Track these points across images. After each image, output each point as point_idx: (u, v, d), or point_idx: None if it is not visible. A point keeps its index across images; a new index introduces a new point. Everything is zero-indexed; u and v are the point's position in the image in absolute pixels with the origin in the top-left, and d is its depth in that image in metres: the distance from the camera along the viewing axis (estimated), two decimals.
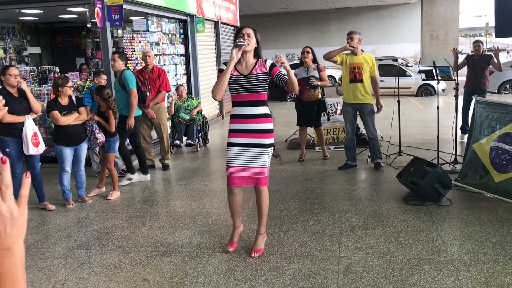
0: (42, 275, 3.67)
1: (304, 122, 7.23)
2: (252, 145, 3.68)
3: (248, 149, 3.69)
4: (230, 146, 3.75)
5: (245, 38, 3.63)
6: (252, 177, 3.74)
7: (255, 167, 3.72)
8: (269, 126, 3.73)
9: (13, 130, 4.92)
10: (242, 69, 3.71)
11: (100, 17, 6.83)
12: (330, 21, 27.48)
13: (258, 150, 3.69)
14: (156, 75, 6.86)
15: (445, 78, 6.92)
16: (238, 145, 3.70)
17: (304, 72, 6.95)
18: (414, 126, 9.93)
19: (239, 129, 3.71)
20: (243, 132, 3.70)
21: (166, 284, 3.44)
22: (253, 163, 3.71)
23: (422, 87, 16.35)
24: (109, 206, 5.43)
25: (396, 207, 4.93)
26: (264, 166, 3.73)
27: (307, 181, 6.11)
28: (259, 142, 3.68)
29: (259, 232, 3.94)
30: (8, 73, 4.90)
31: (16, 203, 0.88)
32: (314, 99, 7.04)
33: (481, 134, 5.47)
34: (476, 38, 10.79)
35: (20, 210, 0.88)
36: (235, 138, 3.72)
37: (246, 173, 3.73)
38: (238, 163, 3.71)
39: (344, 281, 3.37)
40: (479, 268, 3.47)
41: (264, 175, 3.76)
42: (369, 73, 6.33)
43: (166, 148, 7.15)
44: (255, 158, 3.70)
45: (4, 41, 9.49)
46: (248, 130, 3.69)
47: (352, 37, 6.27)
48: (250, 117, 3.68)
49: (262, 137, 3.69)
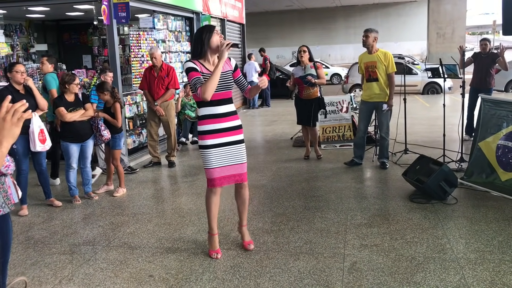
0: (48, 271, 3.70)
1: (303, 121, 7.23)
2: (231, 143, 3.66)
3: (228, 147, 3.65)
4: (208, 148, 3.62)
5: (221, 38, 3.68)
6: (234, 174, 3.71)
7: (236, 164, 3.70)
8: (240, 122, 3.77)
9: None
10: (211, 67, 3.61)
11: (107, 14, 6.85)
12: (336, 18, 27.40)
13: (237, 147, 3.69)
14: (165, 73, 6.88)
15: (452, 76, 6.88)
16: (218, 145, 3.63)
17: (302, 71, 6.96)
18: (420, 124, 9.89)
19: (216, 130, 3.62)
20: (221, 132, 3.63)
21: (171, 280, 3.46)
22: (234, 160, 3.69)
23: (429, 85, 16.29)
24: (115, 202, 5.46)
25: (401, 205, 4.92)
26: (244, 161, 3.75)
27: (312, 179, 6.12)
28: (238, 138, 3.70)
29: (244, 224, 3.99)
30: (14, 70, 4.93)
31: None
32: (313, 97, 7.04)
33: (488, 132, 5.44)
34: (484, 36, 10.73)
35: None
36: (213, 140, 3.62)
37: (228, 172, 3.69)
38: (219, 163, 3.65)
39: (349, 278, 3.37)
40: (484, 266, 3.46)
41: (244, 170, 3.77)
42: (384, 71, 6.26)
43: (173, 145, 7.17)
44: (236, 155, 3.69)
45: (12, 38, 9.55)
46: (226, 129, 3.64)
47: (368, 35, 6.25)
48: (226, 115, 3.64)
49: (239, 133, 3.72)
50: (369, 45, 6.30)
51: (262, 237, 4.18)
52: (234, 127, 3.68)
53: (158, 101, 6.87)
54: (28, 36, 10.32)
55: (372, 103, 6.38)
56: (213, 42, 3.58)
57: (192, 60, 3.61)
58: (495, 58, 7.83)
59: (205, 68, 3.59)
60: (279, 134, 9.71)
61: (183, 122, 8.25)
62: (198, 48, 3.61)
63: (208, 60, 3.64)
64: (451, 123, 7.76)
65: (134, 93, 8.01)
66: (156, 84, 6.85)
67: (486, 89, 7.79)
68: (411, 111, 9.51)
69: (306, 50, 7.01)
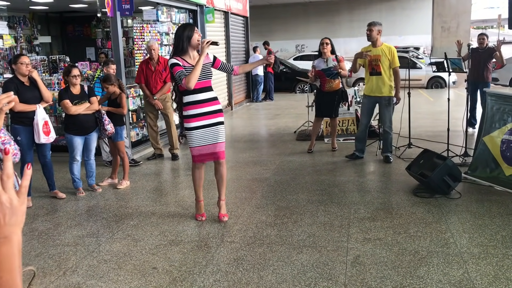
0: (53, 262, 3.72)
1: (324, 113, 7.18)
2: (211, 125, 4.26)
3: (207, 129, 4.26)
4: (192, 130, 4.26)
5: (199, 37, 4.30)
6: (213, 152, 4.31)
7: (215, 143, 4.29)
8: (220, 106, 4.39)
9: (24, 118, 4.96)
10: (191, 61, 4.24)
11: (111, 6, 6.83)
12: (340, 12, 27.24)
13: (216, 128, 4.28)
14: (162, 67, 6.87)
15: (457, 70, 6.85)
16: (200, 127, 4.24)
17: (324, 63, 6.92)
18: (424, 119, 9.86)
19: (198, 114, 4.23)
20: (202, 116, 4.24)
21: (175, 272, 3.47)
22: (213, 139, 4.28)
23: (433, 79, 16.22)
24: (118, 195, 5.47)
25: (405, 199, 4.92)
26: (222, 141, 4.33)
27: (316, 173, 6.11)
28: (218, 120, 4.30)
29: (222, 199, 4.51)
30: (19, 62, 4.92)
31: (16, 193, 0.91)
32: (336, 88, 7.00)
33: (492, 127, 5.42)
34: (481, 31, 10.68)
35: (20, 200, 0.90)
36: (196, 122, 4.24)
37: (207, 150, 4.31)
38: (201, 142, 4.27)
39: (352, 272, 3.37)
40: (488, 261, 3.46)
41: (223, 149, 4.35)
42: (388, 65, 6.22)
43: (174, 138, 7.17)
44: (215, 135, 4.28)
45: (15, 30, 9.54)
46: (207, 113, 4.25)
47: (372, 29, 6.22)
48: (207, 101, 4.26)
49: (220, 115, 4.32)
50: (374, 38, 6.25)
51: (265, 230, 4.18)
52: (214, 111, 4.27)
53: (157, 95, 6.87)
54: (31, 28, 10.31)
55: (374, 97, 6.36)
56: (194, 40, 4.23)
57: (174, 57, 4.20)
58: (492, 53, 7.90)
59: (186, 62, 4.20)
60: (283, 127, 9.69)
61: None
62: (180, 45, 4.24)
63: (189, 55, 4.26)
64: (455, 118, 7.74)
65: (137, 85, 8.00)
66: (153, 78, 6.85)
67: (483, 83, 7.87)
68: (415, 105, 9.47)
69: (329, 42, 6.96)
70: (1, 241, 0.88)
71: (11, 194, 0.89)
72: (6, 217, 0.88)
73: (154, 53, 6.82)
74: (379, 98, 6.33)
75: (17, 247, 0.90)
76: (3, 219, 0.87)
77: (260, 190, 5.40)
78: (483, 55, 7.96)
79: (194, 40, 4.24)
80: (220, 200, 4.51)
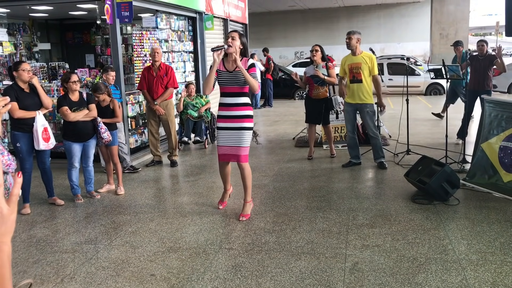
0: (50, 269, 3.71)
1: (312, 120, 7.25)
2: (234, 128, 4.50)
3: (231, 131, 4.51)
4: (218, 129, 4.61)
5: (228, 41, 4.40)
6: (235, 154, 4.54)
7: (235, 146, 4.52)
8: (248, 112, 4.56)
9: (24, 125, 4.97)
10: (229, 66, 4.52)
11: (110, 14, 6.86)
12: (339, 19, 27.37)
13: (239, 132, 4.50)
14: (163, 72, 6.89)
15: (454, 77, 6.87)
16: (224, 128, 4.54)
17: (313, 70, 6.97)
18: (423, 125, 9.88)
19: (225, 116, 4.53)
20: (228, 118, 4.52)
21: (173, 279, 3.46)
22: (235, 143, 4.52)
23: (431, 86, 16.26)
24: (117, 201, 5.47)
25: (403, 205, 4.92)
26: (243, 145, 4.52)
27: (314, 179, 6.12)
28: (240, 125, 4.50)
29: (246, 200, 4.72)
30: (20, 68, 4.94)
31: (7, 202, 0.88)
32: (322, 96, 7.07)
33: (490, 134, 5.43)
34: (480, 38, 10.65)
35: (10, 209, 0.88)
36: (222, 123, 4.55)
37: (229, 151, 4.56)
38: (224, 142, 4.56)
39: (350, 279, 3.37)
40: (486, 268, 3.46)
41: (244, 153, 4.54)
42: (368, 72, 6.32)
43: (174, 144, 7.18)
44: (237, 139, 4.51)
45: (15, 37, 9.56)
46: (232, 116, 4.50)
47: (351, 37, 6.32)
48: (233, 105, 4.50)
49: (242, 121, 4.51)
50: (353, 46, 6.36)
51: (263, 237, 4.18)
52: (240, 116, 4.49)
53: (158, 101, 6.88)
54: (31, 35, 10.33)
55: (355, 105, 6.44)
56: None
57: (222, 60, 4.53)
58: (493, 60, 7.68)
59: (223, 66, 4.54)
60: (281, 134, 9.71)
61: (185, 122, 8.26)
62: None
63: (228, 60, 4.53)
64: (454, 124, 7.75)
65: (136, 92, 8.02)
66: (155, 84, 6.87)
67: (484, 91, 7.59)
68: (413, 112, 9.50)
69: (319, 49, 7.05)
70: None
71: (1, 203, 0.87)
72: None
73: (157, 56, 6.85)
74: (360, 105, 6.39)
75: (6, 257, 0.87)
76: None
77: (258, 197, 5.40)
78: (483, 62, 7.76)
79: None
80: (244, 201, 4.75)
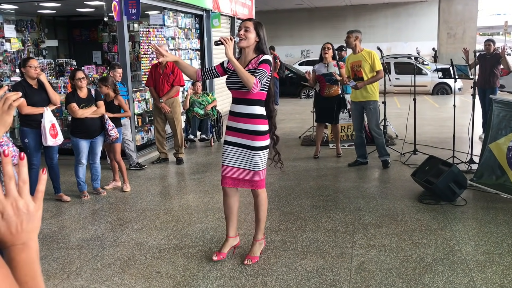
0: (57, 265, 3.72)
1: (323, 119, 7.21)
2: (243, 146, 3.48)
3: (240, 149, 3.49)
4: (224, 144, 3.58)
5: (240, 33, 3.46)
6: (245, 179, 3.53)
7: (247, 170, 3.50)
8: (259, 128, 3.47)
9: (32, 121, 4.99)
10: (241, 64, 3.47)
11: (117, 11, 6.87)
12: (345, 18, 27.26)
13: (248, 152, 3.47)
14: (170, 70, 6.89)
15: (463, 76, 6.84)
16: (231, 143, 3.52)
17: (324, 68, 6.93)
18: (430, 125, 9.83)
19: (232, 127, 3.52)
20: (235, 131, 3.51)
21: (178, 277, 3.46)
22: (245, 164, 3.50)
23: (438, 85, 16.18)
24: (123, 198, 5.48)
25: (410, 205, 4.89)
26: (256, 169, 3.49)
27: (320, 178, 6.10)
28: (248, 143, 3.46)
29: (256, 239, 3.71)
30: (28, 65, 4.96)
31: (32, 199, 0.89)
32: (334, 94, 7.03)
33: (499, 134, 5.39)
34: (488, 37, 10.68)
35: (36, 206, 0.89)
36: (229, 136, 3.55)
37: (239, 175, 3.53)
38: (231, 162, 3.53)
39: (356, 278, 3.35)
40: (494, 269, 3.43)
41: (258, 178, 3.52)
42: (369, 69, 6.25)
43: (180, 142, 7.18)
44: (247, 160, 3.48)
45: (23, 34, 9.60)
46: (239, 130, 3.48)
47: (349, 36, 6.32)
48: (240, 115, 3.47)
49: (251, 138, 3.46)
50: (351, 44, 6.35)
51: (269, 236, 4.17)
52: (248, 131, 3.45)
53: (163, 98, 6.89)
54: (39, 32, 10.37)
55: (359, 103, 6.40)
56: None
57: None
58: (499, 59, 7.92)
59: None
60: (288, 132, 9.69)
61: (192, 120, 8.26)
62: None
63: (241, 57, 3.62)
64: (461, 124, 7.70)
65: (143, 89, 8.04)
66: (161, 81, 6.87)
67: (491, 89, 7.91)
68: (420, 111, 9.45)
69: (331, 47, 7.01)
70: (20, 247, 0.87)
71: (27, 200, 0.88)
72: (23, 223, 0.87)
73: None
74: (364, 103, 6.36)
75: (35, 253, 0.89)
76: (20, 226, 0.86)
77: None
78: (490, 61, 8.01)
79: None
80: (253, 239, 3.74)
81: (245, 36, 3.45)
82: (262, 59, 3.44)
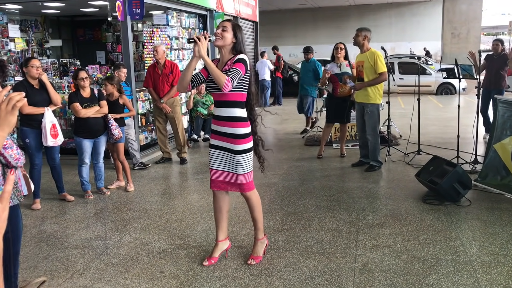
0: (60, 265, 3.73)
1: (335, 118, 7.15)
2: (225, 149, 3.45)
3: (224, 152, 3.47)
4: (209, 147, 3.57)
5: (217, 32, 3.40)
6: (233, 182, 3.51)
7: (233, 173, 3.48)
8: (239, 131, 3.40)
9: (33, 121, 5.00)
10: (218, 66, 3.44)
11: (121, 10, 6.88)
12: (349, 17, 27.23)
13: (230, 155, 3.44)
14: (168, 70, 6.89)
15: (467, 76, 6.80)
16: (216, 147, 3.49)
17: (337, 68, 6.91)
18: (434, 125, 9.80)
19: (215, 131, 3.50)
20: (218, 134, 3.47)
21: (182, 277, 3.46)
22: (230, 168, 3.48)
23: (442, 85, 16.12)
24: (126, 198, 5.48)
25: (414, 206, 4.87)
26: (240, 173, 3.45)
27: (324, 178, 6.08)
28: (229, 147, 3.43)
29: (257, 238, 3.71)
30: (30, 65, 4.96)
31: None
32: (348, 94, 6.97)
33: (503, 134, 5.37)
34: (497, 37, 10.62)
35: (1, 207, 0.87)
36: (213, 140, 3.52)
37: (226, 178, 3.51)
38: (217, 166, 3.52)
39: (360, 279, 3.34)
40: (499, 270, 3.41)
41: (243, 181, 3.48)
42: (371, 71, 6.08)
43: (182, 142, 7.17)
44: (230, 163, 3.47)
45: (27, 34, 9.63)
46: (221, 133, 3.45)
47: (357, 34, 6.21)
48: (221, 119, 3.43)
49: (231, 142, 3.41)
50: (359, 43, 6.23)
51: (273, 236, 4.16)
52: (228, 134, 3.41)
53: (164, 99, 6.88)
54: (43, 32, 10.39)
55: (360, 104, 6.33)
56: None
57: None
58: (507, 60, 7.80)
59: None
60: (291, 132, 9.68)
61: (195, 119, 8.26)
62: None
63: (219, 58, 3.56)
64: (465, 124, 7.67)
65: (146, 89, 8.04)
66: (160, 82, 6.87)
67: (497, 89, 7.84)
68: (424, 111, 9.42)
69: (343, 47, 6.95)
70: None
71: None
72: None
73: (156, 55, 6.84)
74: (363, 105, 6.26)
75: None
76: None
77: (268, 195, 5.38)
78: (497, 61, 7.91)
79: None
80: (255, 239, 3.75)
81: (222, 35, 3.39)
82: (236, 58, 3.36)
